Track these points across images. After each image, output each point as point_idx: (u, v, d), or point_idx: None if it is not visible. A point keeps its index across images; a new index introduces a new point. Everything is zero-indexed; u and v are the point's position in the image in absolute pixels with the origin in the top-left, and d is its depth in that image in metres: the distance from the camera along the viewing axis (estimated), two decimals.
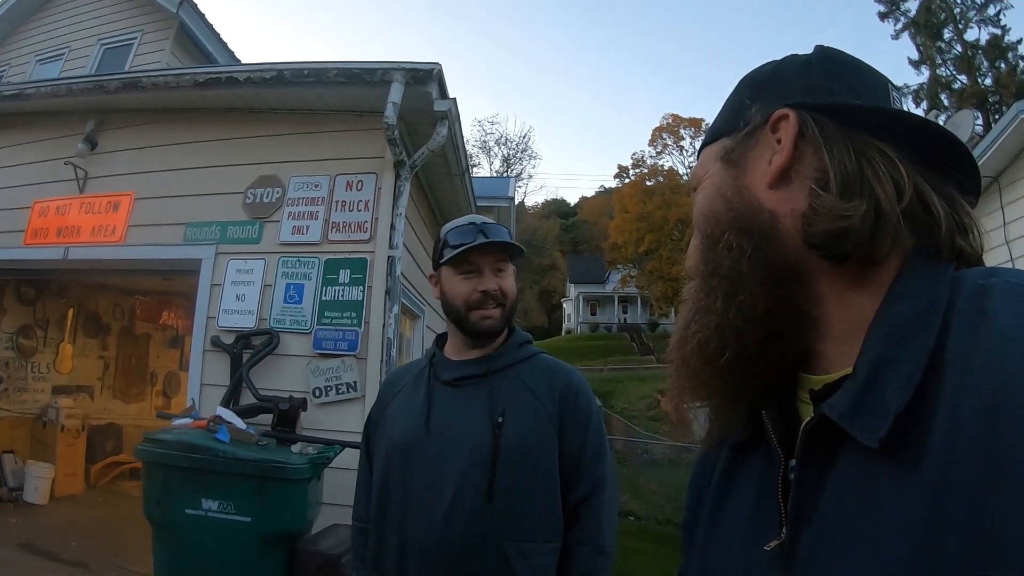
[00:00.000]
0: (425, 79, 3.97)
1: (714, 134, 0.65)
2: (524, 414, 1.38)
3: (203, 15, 8.31)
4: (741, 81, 0.65)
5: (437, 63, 4.00)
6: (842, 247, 0.51)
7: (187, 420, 3.30)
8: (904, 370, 0.45)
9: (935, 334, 0.45)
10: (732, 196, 0.59)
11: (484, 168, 49.47)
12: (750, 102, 0.61)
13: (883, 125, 0.54)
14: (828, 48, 0.62)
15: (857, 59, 0.61)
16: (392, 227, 4.06)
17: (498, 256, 1.47)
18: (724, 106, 0.66)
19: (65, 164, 5.04)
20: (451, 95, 4.18)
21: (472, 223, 1.47)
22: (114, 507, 6.27)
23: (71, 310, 7.27)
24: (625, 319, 46.71)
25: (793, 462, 0.52)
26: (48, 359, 6.94)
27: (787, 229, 0.55)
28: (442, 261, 1.47)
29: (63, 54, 9.02)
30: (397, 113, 3.88)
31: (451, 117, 4.11)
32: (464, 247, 1.43)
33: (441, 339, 1.56)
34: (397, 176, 4.13)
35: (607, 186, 47.75)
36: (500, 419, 1.36)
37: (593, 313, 47.79)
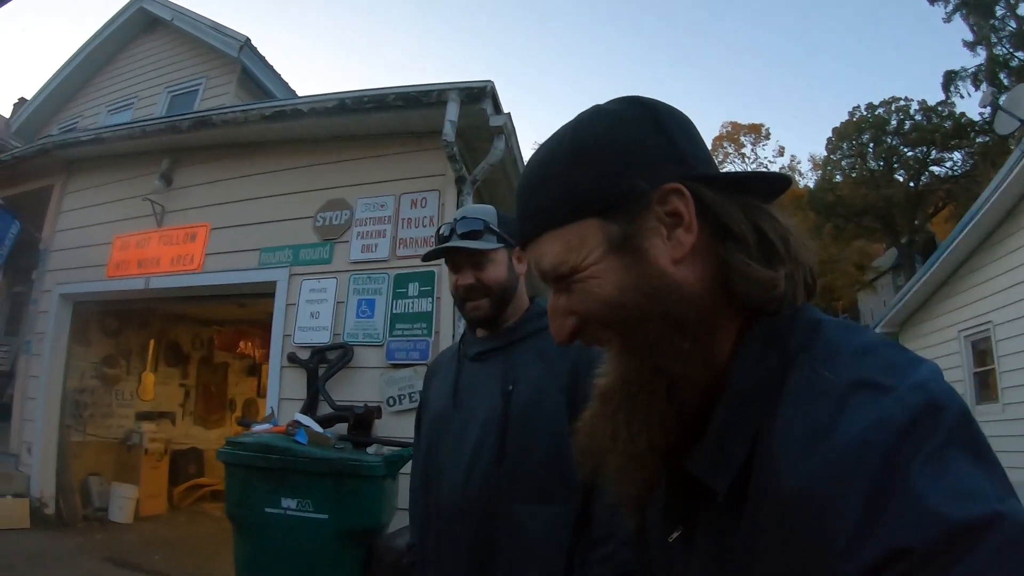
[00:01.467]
0: (479, 96, 4.14)
1: (566, 215, 0.61)
2: (534, 381, 1.41)
3: (263, 57, 8.77)
4: (575, 155, 0.61)
5: (489, 81, 4.16)
6: (767, 307, 0.58)
7: (267, 426, 3.47)
8: (741, 437, 0.54)
9: (763, 411, 0.53)
10: (647, 286, 0.58)
11: None
12: (612, 183, 0.59)
13: (747, 184, 0.62)
14: (653, 102, 0.63)
15: (672, 107, 0.64)
16: None
17: (471, 250, 1.48)
18: (563, 182, 0.61)
19: (143, 201, 5.41)
20: (505, 110, 4.33)
21: (453, 219, 1.52)
22: (196, 525, 6.55)
23: (152, 341, 7.67)
24: None
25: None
26: (131, 387, 7.32)
27: (697, 298, 0.58)
28: (426, 259, 1.60)
29: (132, 103, 9.61)
30: (455, 131, 4.05)
31: (507, 131, 4.26)
32: (431, 250, 1.52)
33: None
34: (459, 191, 4.28)
35: None
36: (511, 388, 1.41)
37: None
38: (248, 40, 8.41)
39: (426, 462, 1.53)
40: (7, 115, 13.44)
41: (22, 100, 13.00)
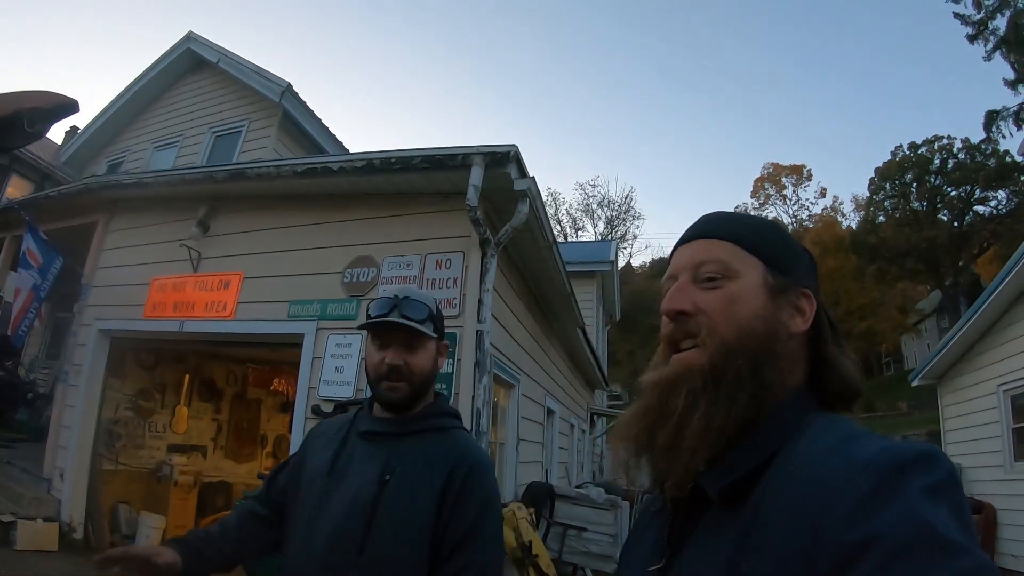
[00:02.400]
0: (503, 161, 4.19)
1: (749, 246, 0.79)
2: (412, 478, 1.39)
3: (304, 103, 9.00)
4: (776, 228, 0.85)
5: (514, 145, 4.21)
6: (844, 397, 0.78)
7: None
8: (752, 459, 0.68)
9: (780, 445, 0.68)
10: (772, 327, 0.75)
11: (588, 231, 48.34)
12: (786, 257, 0.80)
13: (833, 326, 0.81)
14: (809, 251, 0.87)
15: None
16: (480, 302, 4.26)
17: (411, 332, 1.47)
18: (759, 230, 0.82)
19: (180, 246, 5.61)
20: (531, 173, 4.35)
21: (393, 296, 1.49)
22: None
23: (187, 376, 7.85)
24: None
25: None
26: (165, 419, 7.49)
27: (789, 366, 0.75)
28: (362, 328, 1.53)
29: (178, 141, 9.98)
30: (478, 195, 4.12)
31: (531, 195, 4.30)
32: (371, 321, 1.47)
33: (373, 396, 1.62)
34: (483, 254, 4.33)
35: None
36: (387, 477, 1.39)
37: None
38: (289, 86, 8.67)
39: (288, 519, 1.51)
40: (59, 142, 14.12)
41: (74, 129, 13.64)
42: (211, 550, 1.47)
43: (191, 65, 10.38)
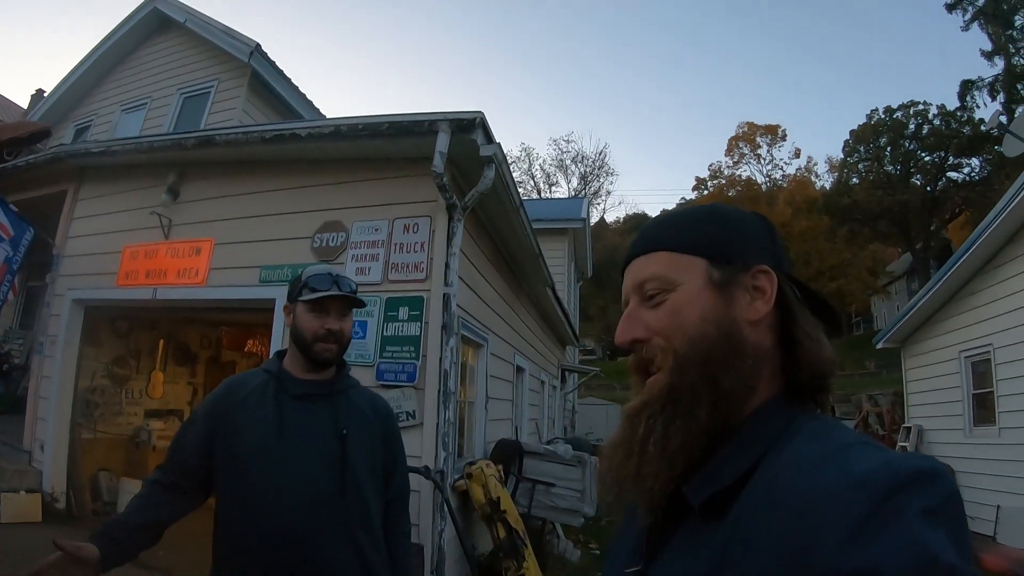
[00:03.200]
0: (469, 127, 4.22)
1: (685, 248, 0.75)
2: (361, 428, 1.73)
3: (274, 63, 8.84)
4: (711, 215, 0.78)
5: (480, 112, 4.25)
6: (818, 383, 0.72)
7: None
8: (734, 469, 0.65)
9: (764, 451, 0.65)
10: (726, 325, 0.71)
11: (562, 186, 48.50)
12: (728, 243, 0.75)
13: (814, 300, 0.78)
14: (762, 215, 0.82)
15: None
16: (447, 266, 4.34)
17: (343, 304, 1.78)
18: (693, 226, 0.77)
19: (151, 213, 5.59)
20: (497, 139, 4.42)
21: (328, 273, 1.79)
22: (201, 521, 6.69)
23: (161, 341, 7.88)
24: None
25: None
26: (141, 385, 7.54)
27: (754, 356, 0.71)
28: (299, 299, 1.76)
29: (146, 103, 9.78)
30: (444, 161, 4.16)
31: (497, 160, 4.34)
32: (322, 294, 1.73)
33: (280, 355, 1.84)
34: (450, 218, 4.40)
35: (686, 198, 47.17)
36: (344, 431, 1.69)
37: None
38: (259, 46, 8.51)
39: (238, 489, 1.63)
40: (24, 106, 13.75)
41: (39, 92, 13.28)
42: (122, 531, 1.61)
43: (158, 25, 10.11)
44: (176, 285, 5.41)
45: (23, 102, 14.64)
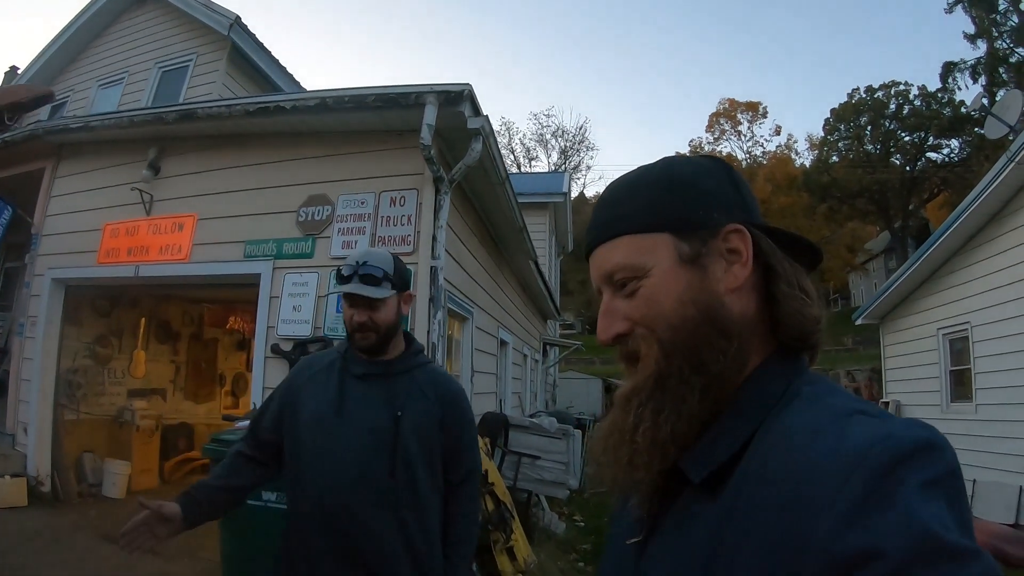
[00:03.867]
0: (457, 100, 4.19)
1: (647, 226, 0.70)
2: (417, 410, 1.74)
3: (254, 35, 8.67)
4: (667, 181, 0.72)
5: (468, 84, 4.22)
6: (807, 340, 0.69)
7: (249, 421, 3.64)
8: (730, 441, 0.63)
9: (760, 421, 0.63)
10: (705, 303, 0.67)
11: (542, 161, 48.29)
12: (691, 210, 0.69)
13: (790, 243, 0.73)
14: (729, 164, 0.76)
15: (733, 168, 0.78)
16: (434, 239, 4.33)
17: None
18: (650, 199, 0.71)
19: (132, 190, 5.50)
20: (484, 111, 4.41)
21: (356, 262, 1.75)
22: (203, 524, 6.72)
23: (143, 319, 7.78)
24: None
25: None
26: (123, 365, 7.45)
27: (741, 323, 0.68)
28: (331, 291, 1.78)
29: (123, 78, 9.56)
30: (432, 134, 4.13)
31: (485, 133, 4.33)
32: (339, 290, 1.75)
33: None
34: (437, 191, 4.38)
35: None
36: (399, 412, 1.70)
37: None
38: (238, 18, 8.34)
39: (297, 460, 1.73)
40: None
41: (13, 69, 12.92)
42: (203, 493, 1.70)
43: None
44: (159, 262, 5.33)
45: None
